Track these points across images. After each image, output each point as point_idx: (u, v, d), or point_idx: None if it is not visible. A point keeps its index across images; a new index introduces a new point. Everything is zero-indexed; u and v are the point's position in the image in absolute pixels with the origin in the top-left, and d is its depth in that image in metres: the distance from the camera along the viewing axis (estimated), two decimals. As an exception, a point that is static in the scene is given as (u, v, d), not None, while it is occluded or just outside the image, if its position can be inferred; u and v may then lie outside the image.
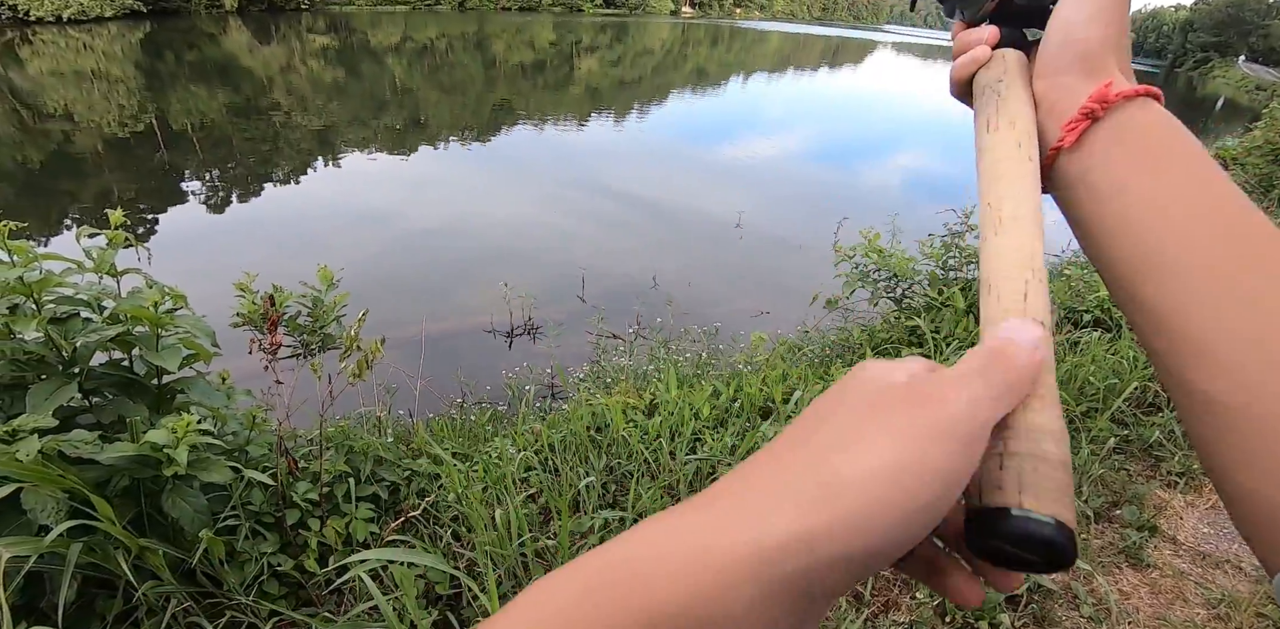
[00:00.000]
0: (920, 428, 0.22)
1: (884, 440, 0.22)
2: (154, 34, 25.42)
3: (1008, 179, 0.35)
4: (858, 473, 0.21)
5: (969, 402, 0.23)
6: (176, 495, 1.44)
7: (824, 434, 0.23)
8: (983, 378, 0.25)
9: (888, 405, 0.23)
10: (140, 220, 7.45)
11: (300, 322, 2.16)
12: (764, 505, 0.21)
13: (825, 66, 35.79)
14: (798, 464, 0.22)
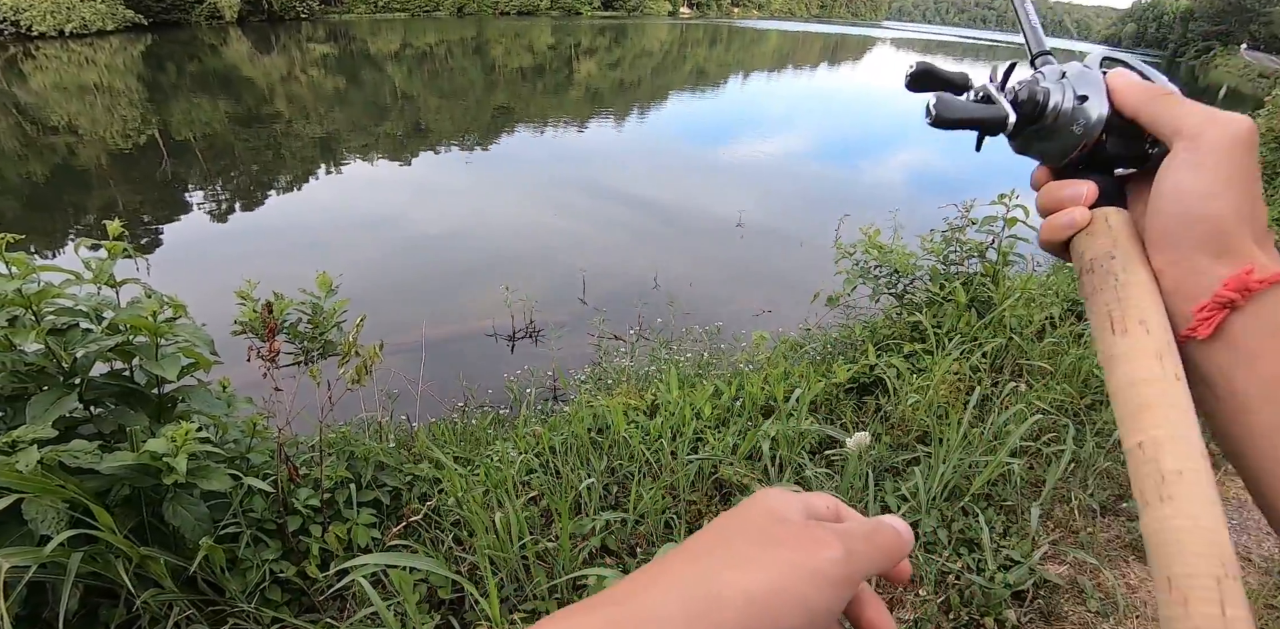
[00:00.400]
0: (800, 566, 0.25)
1: (768, 569, 0.25)
2: (155, 46, 25.63)
3: (1158, 410, 0.30)
4: (740, 593, 0.24)
5: (847, 553, 0.26)
6: (177, 504, 1.44)
7: (719, 554, 0.26)
8: (865, 540, 0.28)
9: (779, 540, 0.26)
10: (145, 231, 7.51)
11: (300, 328, 2.17)
12: (657, 611, 0.23)
13: (825, 64, 35.74)
14: (693, 576, 0.25)
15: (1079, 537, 1.86)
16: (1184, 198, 0.33)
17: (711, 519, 1.63)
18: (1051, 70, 0.41)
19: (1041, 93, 0.40)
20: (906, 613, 1.57)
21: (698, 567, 0.25)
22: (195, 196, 8.66)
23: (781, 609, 0.24)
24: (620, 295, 4.71)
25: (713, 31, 53.90)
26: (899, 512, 1.78)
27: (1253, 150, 0.33)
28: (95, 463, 1.36)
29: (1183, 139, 0.34)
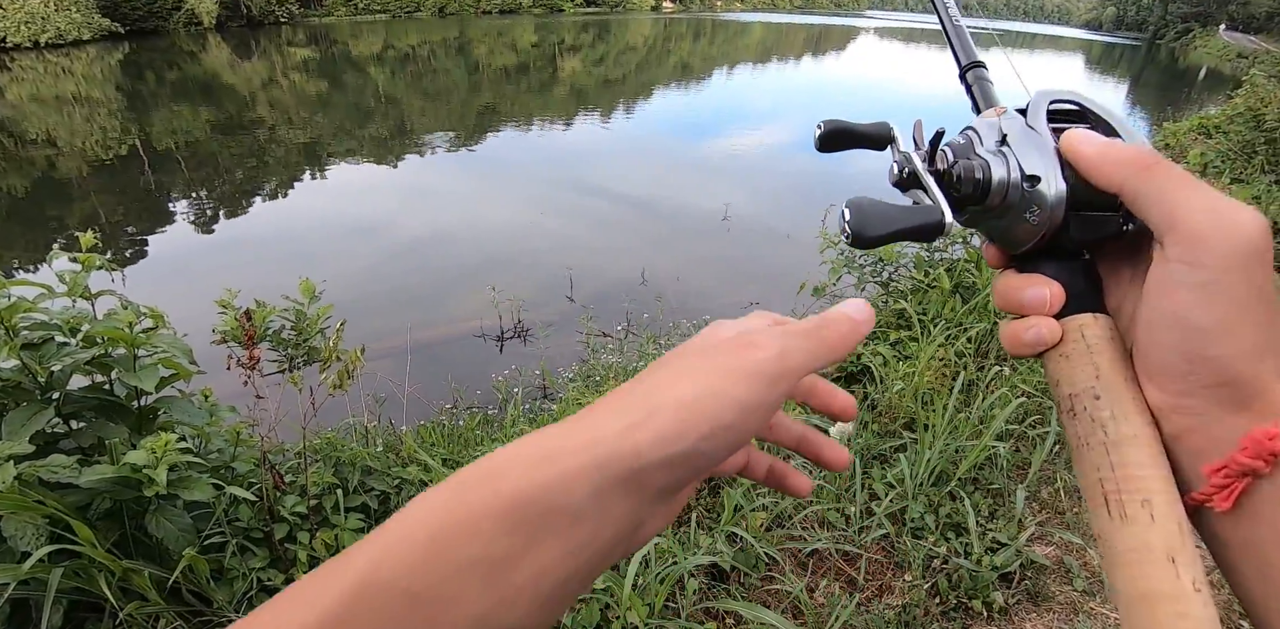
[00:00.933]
0: (730, 368, 0.26)
1: (699, 376, 0.26)
2: (133, 55, 25.34)
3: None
4: (672, 400, 0.25)
5: (780, 350, 0.27)
6: (160, 515, 1.43)
7: (659, 374, 0.27)
8: (804, 336, 0.28)
9: (712, 351, 0.27)
10: (129, 243, 7.45)
11: (284, 336, 2.15)
12: (603, 422, 0.25)
13: (809, 55, 35.68)
14: (634, 394, 0.26)
15: (1065, 517, 1.87)
16: (1186, 331, 0.27)
17: (699, 512, 1.62)
18: (986, 126, 0.34)
19: (980, 169, 0.33)
20: (895, 599, 1.58)
21: (638, 387, 0.27)
22: (179, 206, 8.59)
23: (713, 409, 0.25)
24: (608, 293, 4.71)
25: (696, 25, 53.76)
26: (886, 498, 1.79)
27: (1268, 259, 0.26)
28: (74, 477, 1.35)
29: (1178, 239, 0.27)
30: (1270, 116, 5.64)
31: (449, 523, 0.22)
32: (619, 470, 0.24)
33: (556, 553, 0.23)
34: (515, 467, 0.24)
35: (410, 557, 0.22)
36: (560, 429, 0.26)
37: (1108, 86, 25.06)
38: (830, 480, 1.84)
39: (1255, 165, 5.50)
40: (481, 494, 0.23)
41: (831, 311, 0.31)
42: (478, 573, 0.22)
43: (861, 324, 0.30)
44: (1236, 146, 5.76)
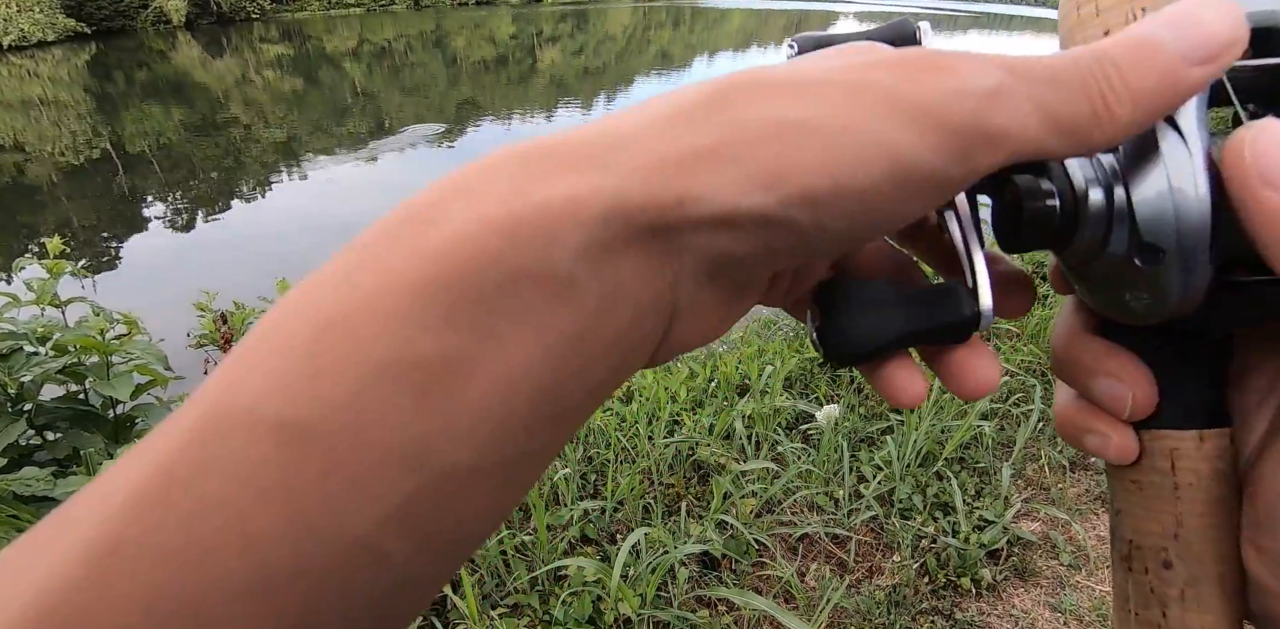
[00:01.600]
0: (892, 94, 0.14)
1: (832, 94, 0.14)
2: (100, 55, 24.75)
3: None
4: (771, 119, 0.14)
5: (996, 87, 0.14)
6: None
7: (749, 74, 0.16)
8: (1053, 83, 0.15)
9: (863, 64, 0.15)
10: (104, 249, 7.32)
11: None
12: (637, 133, 0.15)
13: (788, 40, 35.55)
14: (697, 98, 0.15)
15: (1050, 493, 1.90)
16: None
17: (690, 501, 1.62)
18: None
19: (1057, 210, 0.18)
20: (885, 579, 1.59)
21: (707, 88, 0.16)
22: (154, 209, 8.45)
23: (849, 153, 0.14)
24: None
25: (675, 13, 53.36)
26: (874, 480, 1.80)
27: None
28: (49, 490, 1.33)
29: None
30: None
31: (346, 310, 0.13)
32: (635, 223, 0.14)
33: (529, 349, 0.14)
34: (462, 201, 0.15)
35: (283, 370, 0.13)
36: (560, 140, 0.16)
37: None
38: (818, 464, 1.85)
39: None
40: (400, 255, 0.14)
41: (1126, 38, 0.15)
42: (397, 386, 0.13)
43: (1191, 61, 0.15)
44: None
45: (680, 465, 1.91)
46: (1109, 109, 0.15)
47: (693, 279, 0.16)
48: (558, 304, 0.14)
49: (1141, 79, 0.15)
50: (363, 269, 0.14)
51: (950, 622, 1.51)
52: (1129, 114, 0.15)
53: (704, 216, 0.14)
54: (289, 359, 0.13)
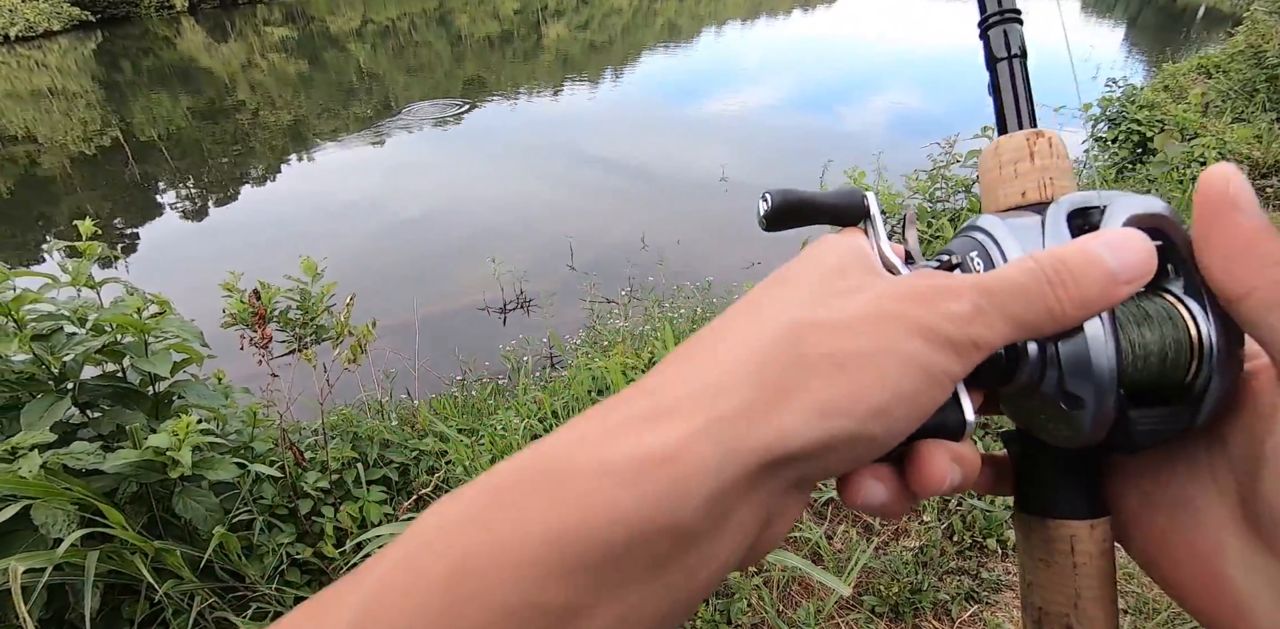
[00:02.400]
0: (908, 317, 0.19)
1: (861, 323, 0.18)
2: (106, 43, 24.68)
3: None
4: (825, 354, 0.18)
5: (975, 309, 0.19)
6: (186, 496, 1.46)
7: (797, 302, 0.19)
8: (1015, 294, 0.19)
9: (872, 291, 0.20)
10: (120, 236, 7.40)
11: (291, 315, 2.15)
12: (717, 388, 0.17)
13: (798, 9, 34.61)
14: (769, 344, 0.18)
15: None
16: None
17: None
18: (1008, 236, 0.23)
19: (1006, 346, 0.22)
20: (912, 541, 1.61)
21: (763, 329, 0.19)
22: (167, 196, 8.51)
23: (893, 372, 0.18)
24: (609, 259, 4.69)
25: (680, -18, 51.98)
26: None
27: None
28: (99, 463, 1.37)
29: None
30: (1271, 53, 5.47)
31: (481, 554, 0.15)
32: (747, 465, 0.16)
33: (649, 591, 0.15)
34: (589, 453, 0.16)
35: (420, 607, 0.15)
36: (642, 402, 0.18)
37: (1104, 29, 24.33)
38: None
39: (1256, 103, 5.37)
40: (535, 507, 0.15)
41: (1075, 253, 0.20)
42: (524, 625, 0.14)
43: (1122, 280, 0.19)
44: (1237, 85, 5.62)
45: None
46: (1063, 312, 0.20)
47: (785, 494, 0.18)
48: (680, 554, 0.16)
49: (1088, 289, 0.20)
50: (499, 516, 0.16)
51: (977, 581, 1.53)
52: (1076, 315, 0.20)
53: (803, 447, 0.17)
54: (426, 595, 0.15)
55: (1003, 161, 0.26)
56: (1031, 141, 0.26)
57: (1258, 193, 4.07)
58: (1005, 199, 0.26)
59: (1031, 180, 0.25)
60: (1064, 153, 0.26)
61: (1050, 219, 0.23)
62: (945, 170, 3.16)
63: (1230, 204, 0.19)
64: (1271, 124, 4.97)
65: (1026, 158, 0.25)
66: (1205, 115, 5.04)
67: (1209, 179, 0.20)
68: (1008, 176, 0.26)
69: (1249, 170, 4.15)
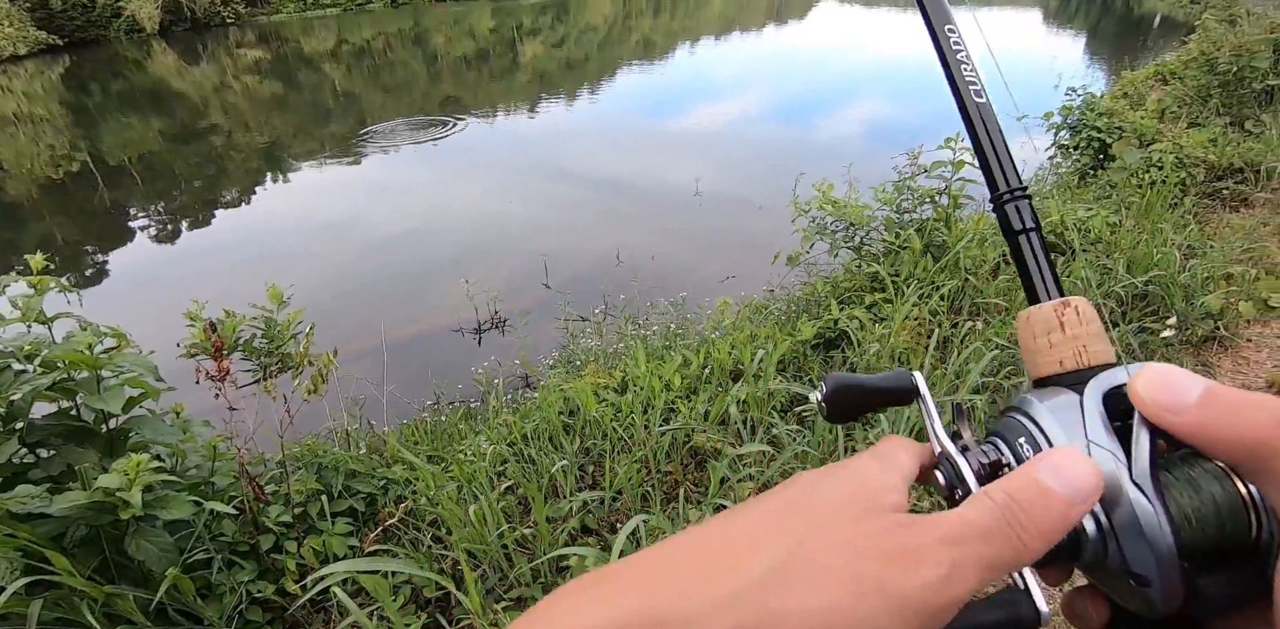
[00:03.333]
0: (882, 586, 0.20)
1: (838, 584, 0.20)
2: (75, 67, 24.41)
3: None
4: (796, 610, 0.19)
5: (950, 569, 0.20)
6: (140, 537, 1.41)
7: (786, 557, 0.21)
8: (985, 539, 0.21)
9: (863, 548, 0.21)
10: (89, 263, 7.26)
11: (256, 344, 2.11)
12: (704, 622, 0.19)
13: (771, 24, 35.26)
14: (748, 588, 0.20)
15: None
16: None
17: (687, 487, 1.62)
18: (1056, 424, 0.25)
19: None
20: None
21: (749, 572, 0.20)
22: (138, 221, 8.39)
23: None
24: (584, 276, 4.69)
25: (655, 0, 52.84)
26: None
27: None
28: (45, 506, 1.32)
29: None
30: (1222, 60, 5.67)
31: None
32: None
33: None
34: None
35: None
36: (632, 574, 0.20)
37: (1066, 39, 25.07)
38: (813, 446, 1.86)
39: (1211, 108, 5.55)
40: None
41: (1025, 486, 0.22)
42: None
43: (1074, 504, 0.21)
44: (1192, 91, 5.81)
45: (677, 453, 1.92)
46: (1026, 547, 0.21)
47: None
48: None
49: (1044, 522, 0.21)
50: None
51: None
52: (1040, 547, 0.21)
53: None
54: None
55: (1036, 332, 0.28)
56: (1059, 312, 0.28)
57: (1214, 195, 4.19)
58: (1044, 367, 0.27)
59: (1067, 350, 0.27)
60: (1093, 317, 0.28)
61: (1088, 406, 0.24)
62: (911, 182, 3.20)
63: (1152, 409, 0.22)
64: (1225, 128, 5.14)
65: (1057, 328, 0.27)
66: (1162, 121, 5.20)
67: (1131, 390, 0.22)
68: (1043, 347, 0.27)
69: (1205, 173, 4.27)
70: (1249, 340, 2.60)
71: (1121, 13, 34.46)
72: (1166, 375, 0.22)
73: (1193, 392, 0.21)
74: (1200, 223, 3.60)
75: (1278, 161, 4.32)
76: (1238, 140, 4.74)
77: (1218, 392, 0.21)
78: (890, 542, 0.21)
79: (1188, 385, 0.22)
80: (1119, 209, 3.58)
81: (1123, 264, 2.73)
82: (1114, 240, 3.07)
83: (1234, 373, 2.39)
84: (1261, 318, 2.72)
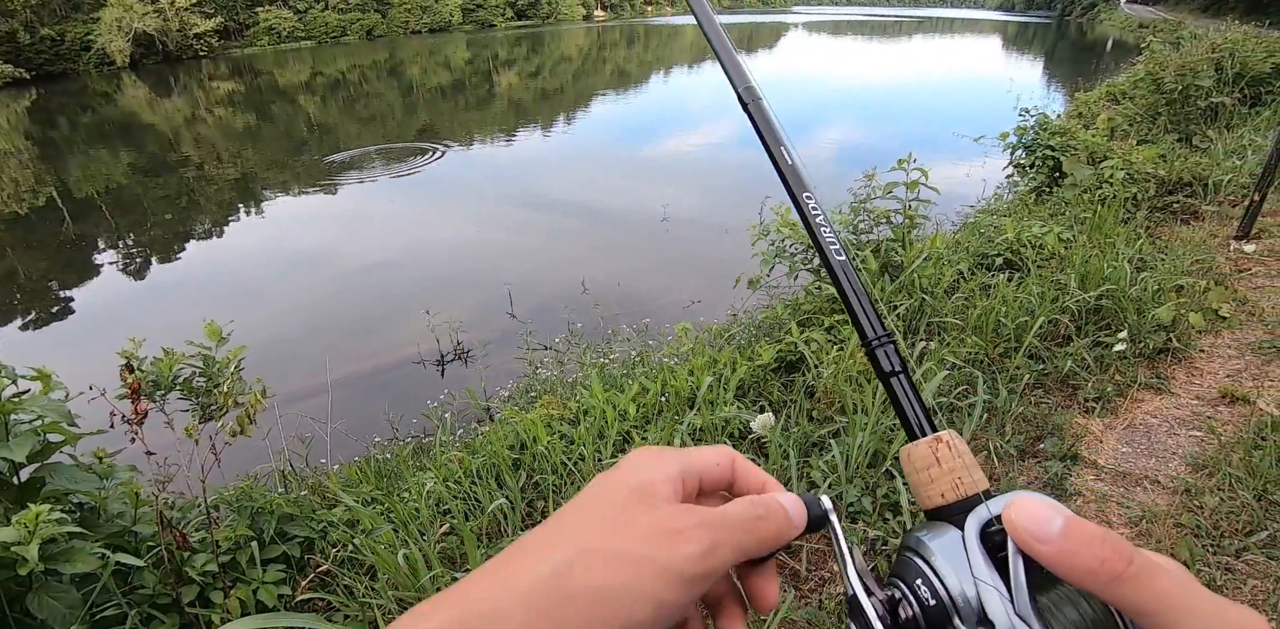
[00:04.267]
0: (653, 562, 0.24)
1: (618, 565, 0.24)
2: (42, 100, 24.22)
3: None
4: (585, 589, 0.23)
5: (711, 545, 0.25)
6: (44, 593, 1.32)
7: (570, 545, 0.25)
8: (740, 528, 0.27)
9: (635, 530, 0.25)
10: (53, 299, 7.08)
11: (195, 384, 2.04)
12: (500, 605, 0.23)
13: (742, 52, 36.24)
14: (540, 570, 0.24)
15: (1000, 484, 1.89)
16: None
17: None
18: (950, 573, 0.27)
19: None
20: (838, 587, 1.56)
21: (549, 561, 0.24)
22: (105, 256, 8.23)
23: (628, 605, 0.23)
24: (548, 305, 4.65)
25: (629, 31, 54.11)
26: (824, 485, 1.78)
27: None
28: (-63, 565, 1.23)
29: None
30: (1168, 80, 5.91)
31: None
32: None
33: None
34: None
35: None
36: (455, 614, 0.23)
37: (1025, 63, 26.09)
38: (769, 472, 1.82)
39: (1159, 126, 5.75)
40: None
41: (773, 502, 0.29)
42: None
43: (795, 528, 0.29)
44: (1142, 110, 6.02)
45: (629, 485, 1.87)
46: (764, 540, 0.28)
47: None
48: None
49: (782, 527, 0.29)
50: None
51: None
52: (773, 543, 0.28)
53: None
54: None
55: (917, 468, 0.31)
56: (934, 448, 0.31)
57: (1165, 209, 4.31)
58: (930, 500, 0.31)
59: (946, 483, 0.30)
60: (964, 449, 0.31)
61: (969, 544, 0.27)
62: (866, 204, 3.24)
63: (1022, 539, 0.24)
64: (1174, 144, 5.32)
65: (934, 463, 0.31)
66: (1112, 138, 5.37)
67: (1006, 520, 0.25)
68: (925, 481, 0.31)
69: (1156, 187, 4.40)
70: (1201, 351, 2.63)
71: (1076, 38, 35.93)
72: (1035, 508, 0.24)
73: (1056, 523, 0.24)
74: (1151, 236, 3.68)
75: (1224, 175, 4.48)
76: (1185, 155, 4.91)
77: (1074, 525, 0.24)
78: (660, 526, 0.25)
79: (1051, 517, 0.24)
80: (1072, 225, 3.65)
81: (1075, 279, 2.76)
82: (1067, 256, 3.12)
83: (1188, 384, 2.41)
84: (1213, 329, 2.76)
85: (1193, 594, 0.22)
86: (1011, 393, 2.17)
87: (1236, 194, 4.35)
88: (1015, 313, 2.49)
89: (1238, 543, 1.57)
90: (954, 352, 2.35)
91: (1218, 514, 1.67)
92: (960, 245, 3.50)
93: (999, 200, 5.38)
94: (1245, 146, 5.12)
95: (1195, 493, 1.75)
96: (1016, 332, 2.44)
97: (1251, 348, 2.59)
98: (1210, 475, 1.81)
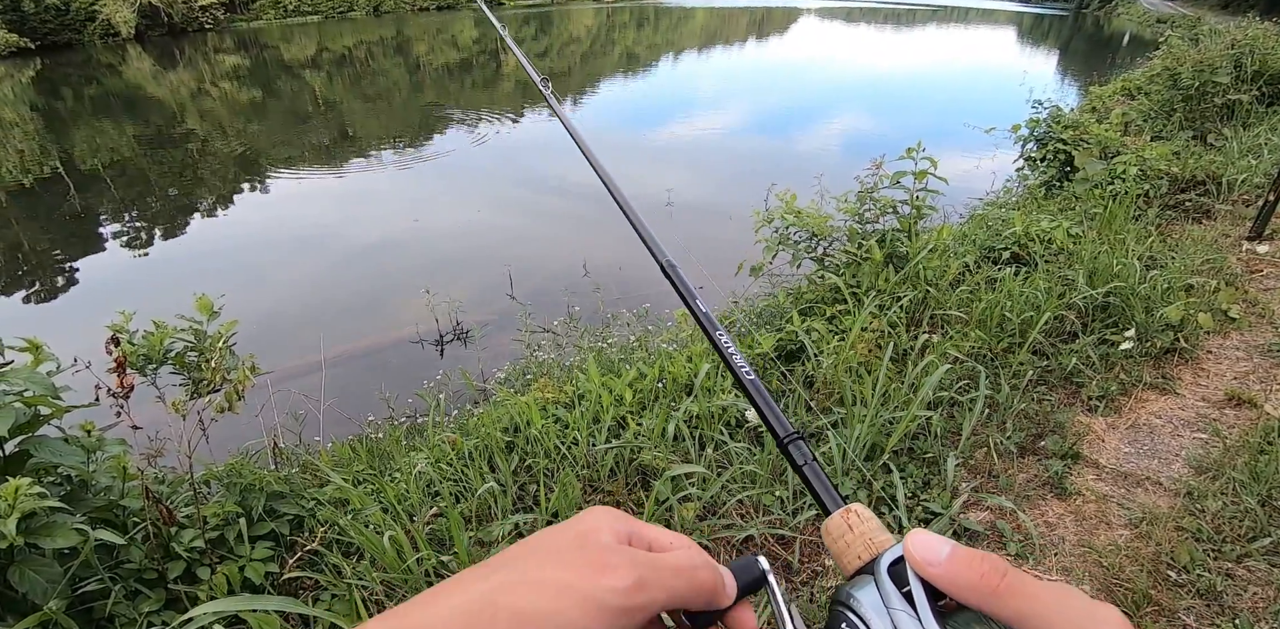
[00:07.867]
0: (575, 590, 0.25)
1: (544, 591, 0.25)
2: (46, 71, 23.96)
3: None
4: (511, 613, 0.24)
5: (636, 581, 0.26)
6: (25, 567, 1.31)
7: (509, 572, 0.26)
8: (673, 572, 0.28)
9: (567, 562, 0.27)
10: (58, 270, 7.06)
11: (188, 358, 2.02)
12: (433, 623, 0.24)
13: (753, 38, 35.68)
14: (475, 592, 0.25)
15: (999, 480, 1.86)
16: None
17: (628, 508, 1.55)
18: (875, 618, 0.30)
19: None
20: (831, 580, 1.54)
21: (485, 584, 0.26)
22: (110, 228, 8.19)
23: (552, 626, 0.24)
24: (549, 287, 4.61)
25: (639, 13, 53.24)
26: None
27: None
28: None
29: None
30: (1185, 75, 5.78)
31: None
32: None
33: None
34: None
35: None
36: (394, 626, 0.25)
37: (1039, 56, 25.67)
38: (763, 464, 1.80)
39: (1174, 122, 5.64)
40: None
41: (712, 563, 0.31)
42: None
43: (728, 597, 0.31)
44: (1157, 105, 5.91)
45: (622, 470, 1.85)
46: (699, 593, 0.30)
47: None
48: None
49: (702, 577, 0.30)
50: None
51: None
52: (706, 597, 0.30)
53: None
54: None
55: (835, 537, 0.35)
56: (846, 518, 0.35)
57: (1177, 207, 4.24)
58: (851, 565, 0.34)
59: (860, 546, 0.34)
60: (869, 515, 0.35)
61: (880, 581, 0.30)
62: (873, 193, 3.18)
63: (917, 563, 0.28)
64: (1188, 142, 5.22)
65: (848, 531, 0.34)
66: (1126, 134, 5.27)
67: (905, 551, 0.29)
68: (844, 548, 0.34)
69: (1169, 185, 4.32)
70: (1209, 352, 2.59)
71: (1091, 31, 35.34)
72: (927, 539, 0.28)
73: (944, 550, 0.28)
74: (1163, 234, 3.62)
75: (1239, 174, 4.40)
76: (1200, 153, 4.82)
77: (958, 549, 0.28)
78: (590, 560, 0.27)
79: (940, 545, 0.28)
80: (1082, 220, 3.59)
81: (1083, 275, 2.71)
82: (1076, 252, 3.06)
83: (1194, 385, 2.37)
84: (1221, 330, 2.72)
85: (1063, 593, 0.26)
86: (1014, 388, 2.14)
87: (1251, 194, 4.28)
88: (1020, 308, 2.45)
89: (1240, 549, 1.55)
90: (957, 345, 2.31)
91: (1220, 518, 1.64)
92: (967, 238, 3.44)
93: (1008, 193, 5.30)
94: (1261, 145, 5.02)
95: (1198, 496, 1.73)
96: (1021, 327, 2.40)
97: (1260, 350, 2.54)
98: (1214, 479, 1.79)
